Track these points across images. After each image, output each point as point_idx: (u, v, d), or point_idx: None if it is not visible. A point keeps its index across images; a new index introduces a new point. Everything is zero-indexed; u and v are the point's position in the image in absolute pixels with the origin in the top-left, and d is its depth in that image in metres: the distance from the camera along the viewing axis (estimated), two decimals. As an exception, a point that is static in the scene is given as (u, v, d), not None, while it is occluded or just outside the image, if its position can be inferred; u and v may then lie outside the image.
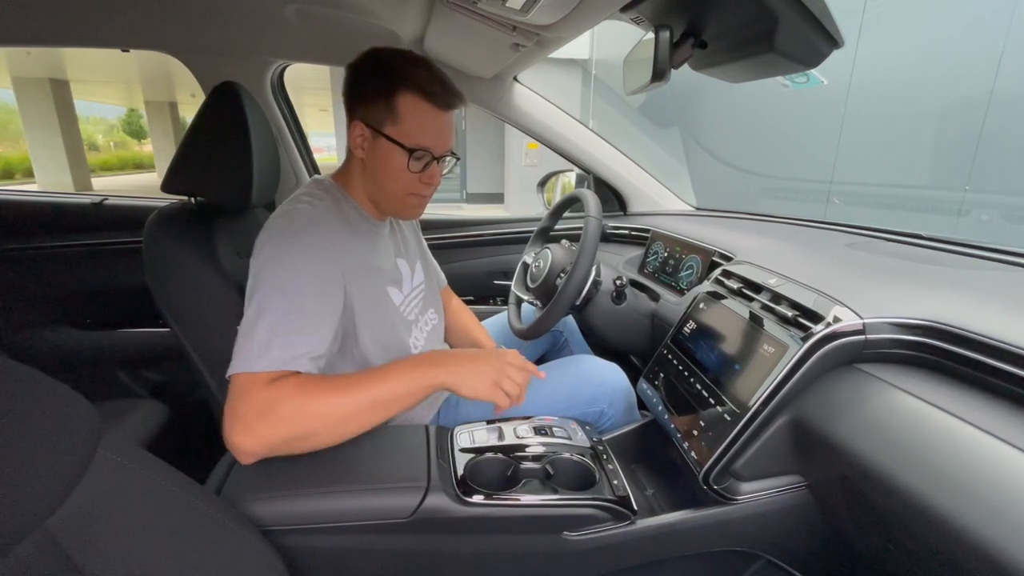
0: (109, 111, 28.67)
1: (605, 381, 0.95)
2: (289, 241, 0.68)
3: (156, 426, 1.11)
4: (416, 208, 0.82)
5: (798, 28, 0.61)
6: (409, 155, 0.74)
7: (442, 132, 0.76)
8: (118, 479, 0.42)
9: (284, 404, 0.60)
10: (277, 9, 1.13)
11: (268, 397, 0.60)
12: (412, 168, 0.75)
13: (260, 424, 0.60)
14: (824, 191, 3.92)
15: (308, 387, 0.62)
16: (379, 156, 0.75)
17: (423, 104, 0.73)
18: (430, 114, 0.74)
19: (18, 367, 0.38)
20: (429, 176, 0.78)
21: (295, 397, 0.61)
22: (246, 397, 0.60)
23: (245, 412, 0.60)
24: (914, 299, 0.63)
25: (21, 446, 0.35)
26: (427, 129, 0.74)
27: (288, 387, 0.61)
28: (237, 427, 0.59)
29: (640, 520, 0.69)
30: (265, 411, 0.60)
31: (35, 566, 0.34)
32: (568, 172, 1.62)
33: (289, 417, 0.61)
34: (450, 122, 0.77)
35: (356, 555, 0.65)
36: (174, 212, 0.85)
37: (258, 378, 0.61)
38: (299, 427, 0.61)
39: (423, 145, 0.74)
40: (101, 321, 1.47)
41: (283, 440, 0.62)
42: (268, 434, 0.60)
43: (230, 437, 0.60)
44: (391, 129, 0.73)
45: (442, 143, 0.76)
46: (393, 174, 0.76)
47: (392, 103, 0.72)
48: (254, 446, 0.60)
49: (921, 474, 0.48)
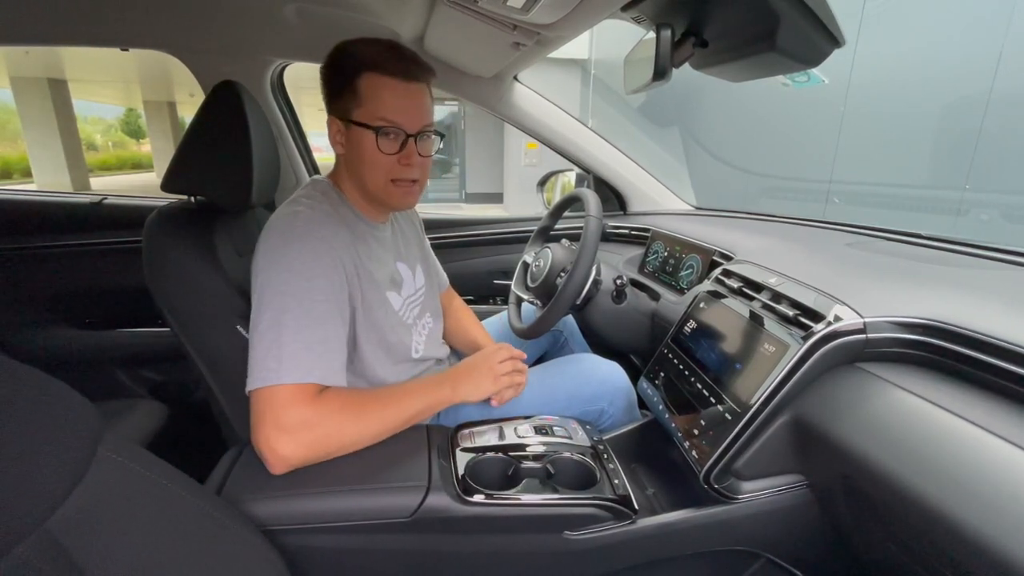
0: (107, 111, 28.66)
1: (605, 380, 0.95)
2: (295, 244, 0.68)
3: (155, 426, 1.11)
4: (406, 196, 0.78)
5: (799, 27, 0.61)
6: (376, 133, 0.71)
7: (409, 105, 0.73)
8: (119, 478, 0.42)
9: (331, 419, 0.64)
10: (277, 8, 1.12)
11: (317, 411, 0.63)
12: (384, 148, 0.72)
13: (307, 436, 0.62)
14: (824, 191, 3.92)
15: (349, 404, 0.66)
16: (353, 145, 0.74)
17: (382, 79, 0.71)
18: (390, 87, 0.72)
19: (19, 367, 0.37)
20: (407, 156, 0.74)
21: (340, 413, 0.65)
22: (291, 409, 0.62)
23: (294, 425, 0.62)
24: (915, 298, 0.63)
25: (22, 445, 0.35)
26: (390, 103, 0.72)
27: (334, 403, 0.65)
28: (284, 438, 0.61)
29: (641, 519, 0.69)
30: (313, 424, 0.63)
31: (36, 566, 0.34)
32: (568, 172, 1.62)
33: (334, 433, 0.64)
34: (418, 94, 0.74)
35: (357, 555, 0.65)
36: (174, 211, 0.85)
37: (299, 390, 0.63)
38: (340, 441, 0.65)
39: (389, 119, 0.72)
40: (100, 321, 1.46)
41: (326, 452, 0.65)
42: (313, 446, 0.63)
43: (273, 446, 0.61)
44: (357, 113, 0.72)
45: (411, 117, 0.73)
46: (369, 160, 0.73)
47: (355, 87, 0.72)
48: (295, 455, 0.62)
49: (922, 472, 0.48)
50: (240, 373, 0.70)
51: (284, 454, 0.61)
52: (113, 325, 1.46)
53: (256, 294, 0.67)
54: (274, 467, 0.62)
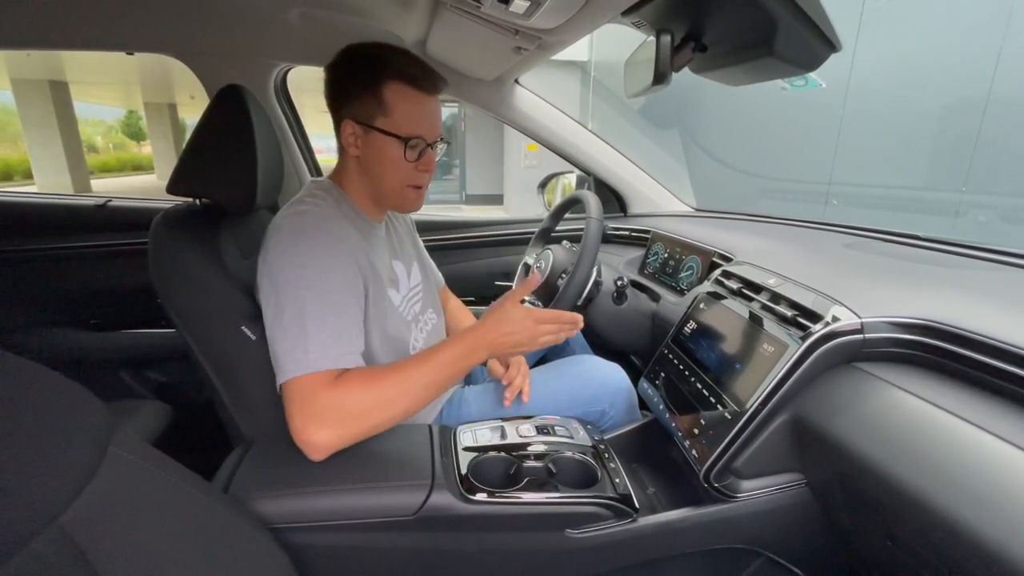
0: (108, 113, 28.66)
1: (606, 381, 0.95)
2: (306, 241, 0.69)
3: (160, 426, 1.12)
4: (416, 200, 0.82)
5: (796, 32, 0.62)
6: (404, 144, 0.74)
7: (432, 118, 0.77)
8: (129, 475, 0.42)
9: (351, 398, 0.64)
10: (281, 13, 1.13)
11: (338, 394, 0.64)
12: (408, 157, 0.76)
13: (332, 418, 0.63)
14: (822, 192, 3.93)
15: (368, 380, 0.66)
16: (374, 150, 0.76)
17: (410, 91, 0.74)
18: (418, 100, 0.74)
19: (34, 366, 0.38)
20: (425, 164, 0.79)
21: (362, 390, 0.65)
22: (315, 397, 0.63)
23: (318, 411, 0.63)
24: (911, 299, 0.64)
25: (37, 442, 0.36)
26: (417, 116, 0.75)
27: (353, 382, 0.65)
28: (311, 426, 0.63)
29: (642, 518, 0.69)
30: (337, 407, 0.64)
31: (49, 561, 0.35)
32: (568, 174, 1.63)
33: (357, 410, 0.65)
34: (437, 107, 0.78)
35: (361, 552, 0.65)
36: (179, 214, 0.85)
37: (322, 377, 0.64)
38: (366, 418, 0.66)
39: (416, 133, 0.75)
40: (105, 322, 1.47)
41: (357, 431, 0.66)
42: (340, 427, 0.64)
43: (306, 437, 0.63)
44: (382, 121, 0.74)
45: (433, 129, 0.77)
46: (391, 166, 0.76)
47: (379, 95, 0.73)
48: (330, 440, 0.64)
49: (919, 471, 0.49)
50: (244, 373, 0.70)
51: (315, 441, 0.63)
52: (118, 326, 1.47)
53: (273, 292, 0.68)
54: (312, 455, 0.64)
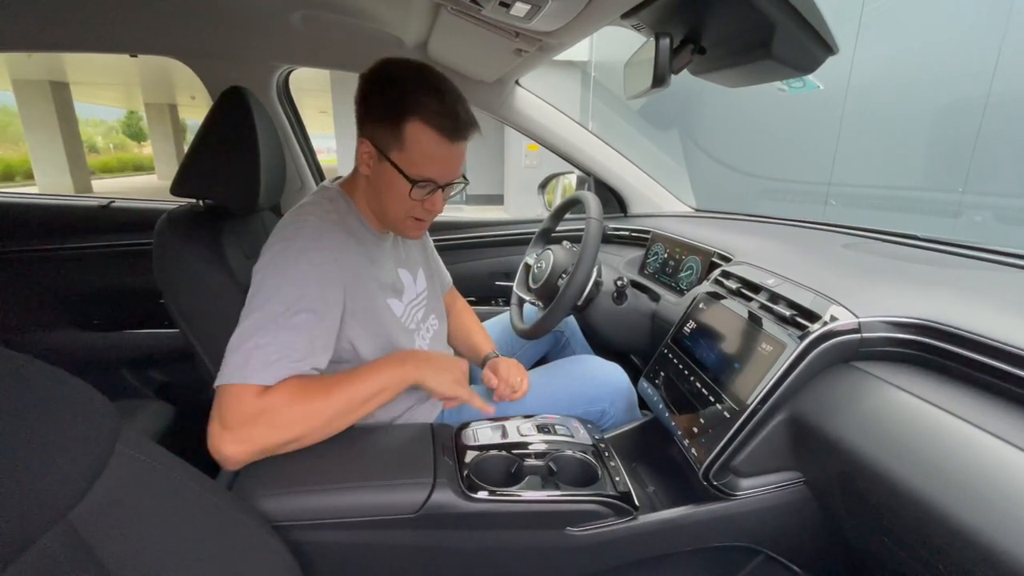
0: (108, 113, 28.69)
1: (607, 381, 0.96)
2: (294, 255, 0.69)
3: (162, 426, 1.12)
4: (416, 230, 0.81)
5: (794, 35, 0.63)
6: (412, 185, 0.72)
7: (449, 163, 0.74)
8: (136, 473, 0.43)
9: (277, 413, 0.62)
10: (284, 15, 1.14)
11: (261, 406, 0.61)
12: (414, 196, 0.74)
13: (249, 433, 0.61)
14: (821, 193, 3.94)
15: (296, 394, 0.63)
16: (383, 178, 0.74)
17: (431, 135, 0.70)
18: (438, 145, 0.71)
19: (43, 366, 0.39)
20: (432, 203, 0.77)
21: (286, 406, 0.62)
22: (237, 406, 0.61)
23: (235, 421, 0.60)
24: (909, 298, 0.64)
25: (46, 440, 0.36)
26: (433, 160, 0.72)
27: (279, 395, 0.62)
28: (227, 436, 0.60)
29: (641, 516, 0.70)
30: (258, 420, 0.61)
31: (57, 557, 0.35)
32: (569, 174, 1.63)
33: (280, 425, 0.62)
34: (460, 152, 0.75)
35: (363, 550, 0.66)
36: (183, 215, 0.86)
37: (254, 389, 0.62)
38: (287, 433, 0.63)
39: (427, 176, 0.73)
40: (107, 322, 1.48)
41: (273, 446, 0.63)
42: (258, 442, 0.62)
43: (218, 445, 0.60)
44: (396, 155, 0.72)
45: (448, 173, 0.75)
46: (395, 198, 0.75)
47: (399, 130, 0.70)
48: (241, 454, 0.61)
49: (915, 469, 0.49)
50: None
51: (227, 452, 0.60)
52: (121, 326, 1.48)
53: (252, 293, 0.68)
54: (226, 465, 0.62)
